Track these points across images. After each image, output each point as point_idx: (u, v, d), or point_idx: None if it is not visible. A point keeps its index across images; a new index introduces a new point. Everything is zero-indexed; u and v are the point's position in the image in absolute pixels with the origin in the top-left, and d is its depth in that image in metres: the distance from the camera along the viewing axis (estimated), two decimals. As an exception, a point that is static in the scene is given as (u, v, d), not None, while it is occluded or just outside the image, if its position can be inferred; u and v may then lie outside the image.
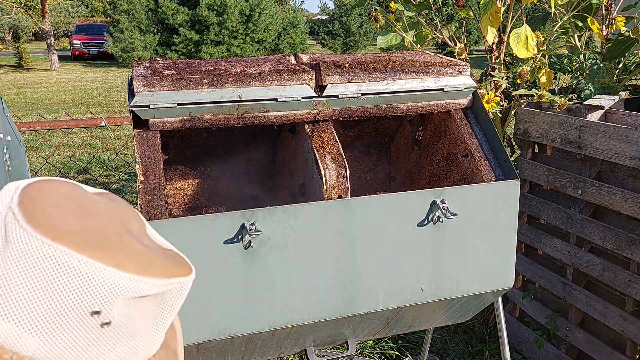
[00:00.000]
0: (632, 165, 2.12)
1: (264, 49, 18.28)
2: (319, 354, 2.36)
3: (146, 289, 0.58)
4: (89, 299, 0.55)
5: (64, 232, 0.55)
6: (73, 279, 0.54)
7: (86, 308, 0.55)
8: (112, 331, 0.57)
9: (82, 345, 0.56)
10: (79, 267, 0.54)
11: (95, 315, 0.55)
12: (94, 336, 0.56)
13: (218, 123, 1.60)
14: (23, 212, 0.54)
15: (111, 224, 0.60)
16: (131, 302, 0.58)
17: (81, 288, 0.54)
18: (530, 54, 2.44)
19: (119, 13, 18.10)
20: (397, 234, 1.60)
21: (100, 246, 0.56)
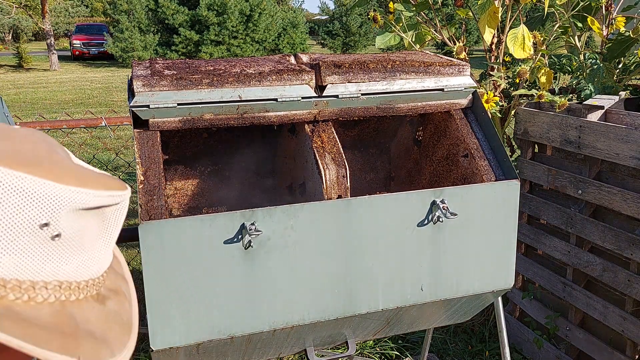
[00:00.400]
0: (632, 165, 2.12)
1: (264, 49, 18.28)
2: (319, 354, 2.36)
3: (88, 200, 0.60)
4: (34, 213, 0.56)
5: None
6: (14, 196, 0.55)
7: (34, 222, 0.56)
8: (63, 244, 0.59)
9: (39, 258, 0.57)
10: (16, 184, 0.55)
11: (45, 227, 0.57)
12: (48, 249, 0.58)
13: (218, 123, 1.60)
14: None
15: (40, 146, 0.61)
16: (76, 215, 0.60)
17: (24, 203, 0.56)
18: (526, 54, 2.44)
19: (119, 13, 18.10)
20: (397, 234, 1.60)
21: (34, 163, 0.57)
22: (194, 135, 2.02)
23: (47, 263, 0.59)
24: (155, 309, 1.41)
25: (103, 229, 0.65)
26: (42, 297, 0.58)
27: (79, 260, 0.62)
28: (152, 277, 1.39)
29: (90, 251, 0.63)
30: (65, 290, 0.61)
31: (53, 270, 0.59)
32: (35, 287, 0.58)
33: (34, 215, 0.56)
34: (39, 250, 0.58)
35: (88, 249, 0.63)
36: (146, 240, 1.37)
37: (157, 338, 1.43)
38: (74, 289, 0.62)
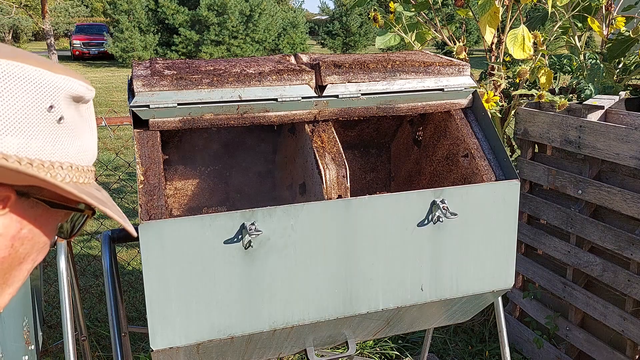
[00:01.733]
0: (632, 165, 2.12)
1: (264, 49, 18.28)
2: (319, 354, 2.36)
3: (77, 89, 0.67)
4: (40, 96, 0.63)
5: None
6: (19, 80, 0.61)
7: (42, 105, 0.63)
8: (66, 128, 0.66)
9: (51, 140, 0.64)
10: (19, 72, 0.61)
11: (51, 109, 0.64)
12: (56, 131, 0.64)
13: (218, 123, 1.60)
14: None
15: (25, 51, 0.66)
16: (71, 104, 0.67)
17: (30, 87, 0.62)
18: (526, 54, 2.44)
19: (119, 13, 18.11)
20: (397, 234, 1.60)
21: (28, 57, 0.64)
22: (194, 135, 2.02)
23: (57, 145, 0.64)
24: (155, 309, 1.41)
25: (84, 121, 0.71)
26: (60, 176, 0.64)
27: (79, 145, 0.68)
28: (152, 277, 1.39)
29: (85, 139, 0.70)
30: (75, 172, 0.67)
31: (63, 152, 0.65)
32: (54, 166, 0.64)
33: (41, 100, 0.63)
34: (50, 133, 0.63)
35: (82, 136, 0.69)
36: (146, 240, 1.37)
37: (157, 338, 1.43)
38: (80, 171, 0.68)
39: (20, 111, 0.61)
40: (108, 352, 2.92)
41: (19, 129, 0.60)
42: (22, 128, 0.60)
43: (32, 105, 0.62)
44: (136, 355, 2.86)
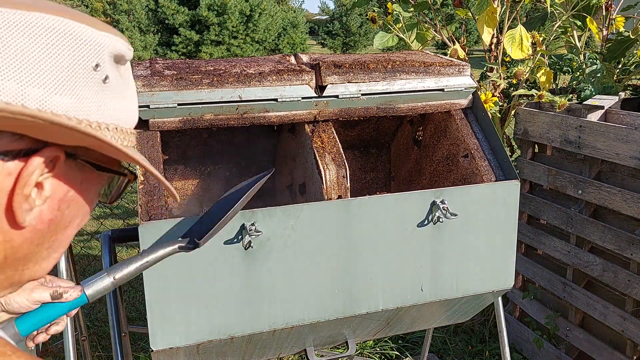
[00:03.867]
0: (632, 165, 2.12)
1: (264, 49, 18.28)
2: (319, 354, 2.36)
3: (119, 48, 0.65)
4: (86, 54, 0.61)
5: (30, 6, 0.57)
6: (67, 37, 0.59)
7: (88, 63, 0.61)
8: (111, 88, 0.64)
9: (98, 99, 0.62)
10: (66, 27, 0.59)
11: (97, 68, 0.62)
12: (102, 91, 0.63)
13: (218, 123, 1.60)
14: None
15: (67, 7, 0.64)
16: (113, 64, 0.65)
17: (76, 45, 0.60)
18: (524, 54, 2.45)
19: (119, 13, 18.10)
20: (397, 234, 1.60)
21: (72, 13, 0.61)
22: (194, 135, 2.02)
23: (103, 105, 0.63)
24: (155, 309, 1.41)
25: (125, 82, 0.69)
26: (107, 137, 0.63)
27: (123, 106, 0.67)
28: (152, 277, 1.39)
29: (126, 100, 0.68)
30: (120, 133, 0.66)
31: (108, 113, 0.64)
32: (100, 127, 0.63)
33: (88, 58, 0.61)
34: (96, 93, 0.62)
35: (124, 97, 0.67)
36: (146, 241, 1.37)
37: (157, 338, 1.43)
38: (124, 133, 0.67)
39: (68, 69, 0.59)
40: (108, 352, 2.92)
41: (68, 88, 0.59)
42: (70, 87, 0.59)
43: (79, 63, 0.60)
44: (136, 355, 2.86)
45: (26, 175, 0.59)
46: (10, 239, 0.61)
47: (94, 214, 4.96)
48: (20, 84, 0.55)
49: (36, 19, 0.57)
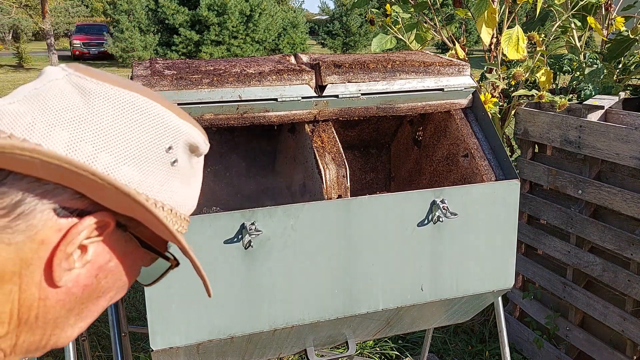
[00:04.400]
0: (632, 165, 2.12)
1: (264, 49, 18.27)
2: (319, 354, 2.36)
3: (196, 139, 0.69)
4: (163, 135, 0.65)
5: (128, 85, 0.64)
6: (150, 117, 0.64)
7: (162, 144, 0.64)
8: (178, 172, 0.67)
9: (162, 179, 0.65)
10: (152, 109, 0.64)
11: (170, 151, 0.65)
12: (168, 173, 0.65)
13: (218, 123, 1.60)
14: (86, 74, 0.63)
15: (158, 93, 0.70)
16: (185, 152, 0.68)
17: (156, 125, 0.64)
18: (520, 55, 2.45)
19: (119, 13, 18.10)
20: (397, 234, 1.60)
21: (159, 97, 0.66)
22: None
23: (165, 185, 0.65)
24: (155, 309, 1.41)
25: (193, 172, 0.71)
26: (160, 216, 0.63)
27: (185, 192, 0.69)
28: (152, 277, 1.39)
29: (189, 187, 0.70)
30: (174, 216, 0.67)
31: (168, 194, 0.66)
32: (156, 204, 0.64)
33: (163, 139, 0.65)
34: (162, 172, 0.65)
35: (188, 184, 0.69)
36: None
37: (157, 338, 1.43)
38: (178, 217, 0.68)
39: (142, 145, 0.62)
40: (108, 352, 2.92)
41: (137, 161, 0.62)
42: (140, 161, 0.62)
43: (154, 142, 0.64)
44: (136, 355, 2.86)
45: (74, 233, 0.60)
46: (46, 297, 0.61)
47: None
48: (95, 147, 0.59)
49: (129, 96, 0.63)
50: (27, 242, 0.58)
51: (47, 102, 0.60)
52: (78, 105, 0.60)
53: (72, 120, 0.59)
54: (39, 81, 0.63)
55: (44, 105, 0.60)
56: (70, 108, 0.60)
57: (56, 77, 0.63)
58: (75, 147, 0.58)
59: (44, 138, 0.58)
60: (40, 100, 0.60)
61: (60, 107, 0.60)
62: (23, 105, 0.60)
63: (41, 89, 0.62)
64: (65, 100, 0.60)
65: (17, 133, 0.57)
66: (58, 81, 0.62)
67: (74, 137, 0.58)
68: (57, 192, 0.59)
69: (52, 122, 0.58)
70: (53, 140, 0.58)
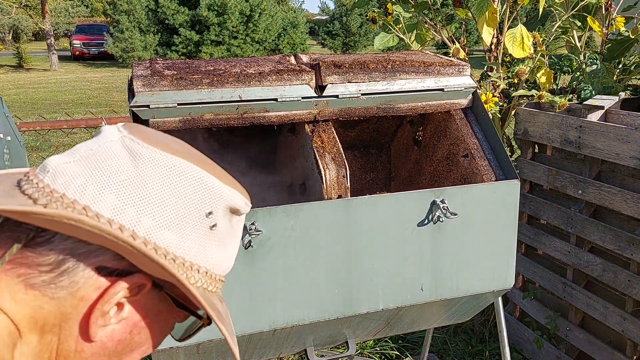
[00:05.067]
0: (632, 165, 2.12)
1: (264, 49, 18.27)
2: (319, 354, 2.36)
3: (237, 203, 0.71)
4: (204, 201, 0.67)
5: (176, 151, 0.68)
6: (193, 183, 0.67)
7: (203, 209, 0.67)
8: (215, 235, 0.69)
9: (200, 242, 0.67)
10: (196, 174, 0.67)
11: (209, 216, 0.68)
12: (206, 237, 0.68)
13: (218, 123, 1.60)
14: (139, 138, 0.67)
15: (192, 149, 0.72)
16: (226, 215, 0.70)
17: (199, 191, 0.67)
18: (526, 53, 2.44)
19: (119, 13, 18.09)
20: (397, 234, 1.60)
21: (204, 162, 0.70)
22: (194, 135, 2.02)
23: (202, 249, 0.67)
24: (155, 308, 1.41)
25: (232, 233, 0.73)
26: (194, 279, 0.67)
27: (221, 254, 0.71)
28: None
29: (227, 249, 0.72)
30: (208, 278, 0.69)
31: (204, 257, 0.68)
32: (192, 267, 0.67)
33: (204, 205, 0.67)
34: (201, 236, 0.67)
35: (226, 246, 0.72)
36: (146, 240, 1.37)
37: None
38: (213, 279, 0.70)
39: (184, 210, 0.65)
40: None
41: (178, 226, 0.65)
42: (180, 225, 0.65)
43: (196, 207, 0.66)
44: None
45: (112, 293, 0.63)
46: (82, 350, 0.65)
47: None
48: (138, 212, 0.63)
49: (175, 162, 0.66)
50: (69, 297, 0.63)
51: (100, 165, 0.64)
52: (127, 169, 0.64)
53: (121, 184, 0.63)
54: (95, 141, 0.68)
55: (97, 167, 0.64)
56: (120, 172, 0.64)
57: (111, 139, 0.67)
58: (121, 211, 0.62)
59: (93, 200, 0.62)
60: (94, 161, 0.64)
61: (111, 171, 0.64)
62: (78, 166, 0.64)
63: (96, 150, 0.66)
64: (116, 164, 0.64)
65: (70, 194, 0.62)
66: (112, 143, 0.66)
67: (121, 201, 0.62)
68: (99, 252, 0.63)
69: (102, 184, 0.62)
70: (101, 203, 0.62)
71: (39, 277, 0.62)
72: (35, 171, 0.66)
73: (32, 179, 0.64)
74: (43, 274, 0.62)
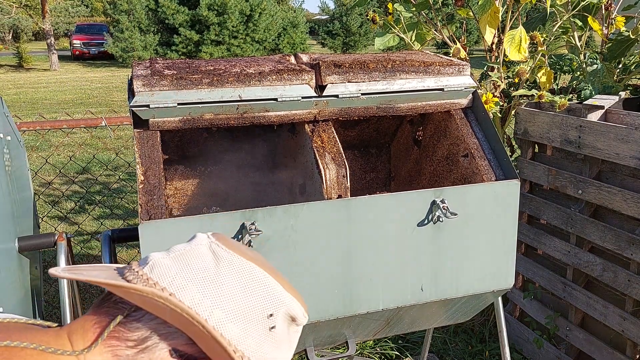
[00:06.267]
0: (632, 165, 2.12)
1: (264, 49, 18.28)
2: (319, 354, 2.36)
3: (296, 312, 0.81)
4: (268, 303, 0.78)
5: (252, 258, 0.80)
6: (261, 287, 0.78)
7: (266, 310, 0.77)
8: (274, 337, 0.78)
9: (258, 340, 0.76)
10: (264, 280, 0.79)
11: (270, 317, 0.77)
12: (265, 336, 0.77)
13: (218, 123, 1.60)
14: (224, 244, 0.81)
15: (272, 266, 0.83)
16: (285, 321, 0.80)
17: (264, 293, 0.78)
18: (522, 56, 2.45)
19: (119, 13, 18.10)
20: (397, 234, 1.60)
21: (274, 271, 0.81)
22: (194, 135, 2.02)
23: (260, 347, 0.76)
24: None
25: (288, 339, 0.82)
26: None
27: (276, 355, 0.79)
28: (152, 277, 1.39)
29: (280, 352, 0.80)
30: None
31: (261, 354, 0.76)
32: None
33: (268, 306, 0.77)
34: (260, 335, 0.76)
35: (280, 349, 0.80)
36: (146, 240, 1.37)
37: None
38: None
39: (250, 308, 0.75)
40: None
41: (242, 321, 0.75)
42: (244, 321, 0.75)
43: (260, 308, 0.76)
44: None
45: None
46: None
47: (94, 213, 4.96)
48: (213, 304, 0.74)
49: (249, 267, 0.78)
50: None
51: (189, 262, 0.77)
52: (210, 268, 0.77)
53: (203, 280, 0.75)
54: (189, 244, 0.81)
55: (187, 264, 0.77)
56: (204, 270, 0.76)
57: (201, 243, 0.81)
58: (199, 301, 0.73)
59: (179, 290, 0.74)
60: (185, 259, 0.78)
61: (197, 268, 0.76)
62: (173, 261, 0.77)
63: (188, 251, 0.79)
64: (202, 263, 0.77)
65: (162, 282, 0.74)
66: (202, 246, 0.80)
67: (200, 294, 0.74)
68: (176, 335, 0.74)
69: (188, 278, 0.75)
70: (185, 293, 0.73)
71: (125, 350, 0.73)
72: (138, 262, 0.79)
73: (134, 269, 0.77)
74: (129, 348, 0.73)
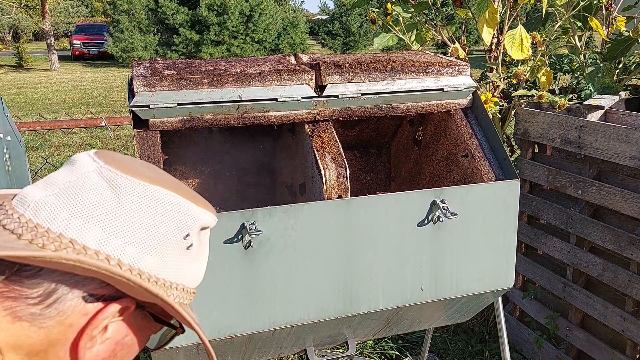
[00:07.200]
0: (632, 165, 2.12)
1: (264, 49, 18.28)
2: (319, 354, 2.36)
3: (209, 222, 0.76)
4: (182, 225, 0.71)
5: (153, 179, 0.71)
6: (172, 210, 0.71)
7: (181, 232, 0.71)
8: (190, 254, 0.73)
9: (177, 262, 0.71)
10: (173, 201, 0.71)
11: (187, 237, 0.72)
12: (182, 256, 0.72)
13: (218, 123, 1.60)
14: (117, 168, 0.69)
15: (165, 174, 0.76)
16: (199, 234, 0.75)
17: (177, 216, 0.71)
18: (525, 55, 2.44)
19: (119, 13, 18.10)
20: (397, 234, 1.60)
21: (179, 188, 0.73)
22: (194, 135, 2.02)
23: (180, 268, 0.72)
24: (155, 308, 1.41)
25: (202, 246, 0.77)
26: (173, 296, 0.72)
27: (194, 269, 0.76)
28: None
29: (198, 264, 0.77)
30: (184, 293, 0.74)
31: (181, 275, 0.73)
32: (172, 286, 0.71)
33: (182, 228, 0.72)
34: (178, 257, 0.72)
35: (198, 261, 0.76)
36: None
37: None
38: (187, 293, 0.75)
39: (164, 235, 0.69)
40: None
41: (158, 251, 0.69)
42: (160, 250, 0.69)
43: (174, 232, 0.71)
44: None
45: (101, 318, 0.67)
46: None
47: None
48: (123, 241, 0.66)
49: (155, 191, 0.70)
50: (57, 325, 0.65)
51: (82, 197, 0.66)
52: (109, 201, 0.67)
53: (104, 217, 0.66)
54: (71, 172, 0.69)
55: (79, 200, 0.66)
56: (103, 204, 0.66)
57: (88, 169, 0.69)
58: (105, 242, 0.65)
59: (78, 234, 0.64)
60: (75, 194, 0.66)
61: (93, 203, 0.66)
62: (59, 199, 0.66)
63: (75, 182, 0.67)
64: (97, 196, 0.67)
65: (54, 228, 0.64)
66: (90, 174, 0.68)
67: (105, 233, 0.65)
68: (85, 282, 0.66)
69: (86, 217, 0.65)
70: (87, 236, 0.64)
71: (26, 309, 0.64)
72: (12, 203, 0.67)
73: (11, 213, 0.65)
74: (31, 306, 0.64)
